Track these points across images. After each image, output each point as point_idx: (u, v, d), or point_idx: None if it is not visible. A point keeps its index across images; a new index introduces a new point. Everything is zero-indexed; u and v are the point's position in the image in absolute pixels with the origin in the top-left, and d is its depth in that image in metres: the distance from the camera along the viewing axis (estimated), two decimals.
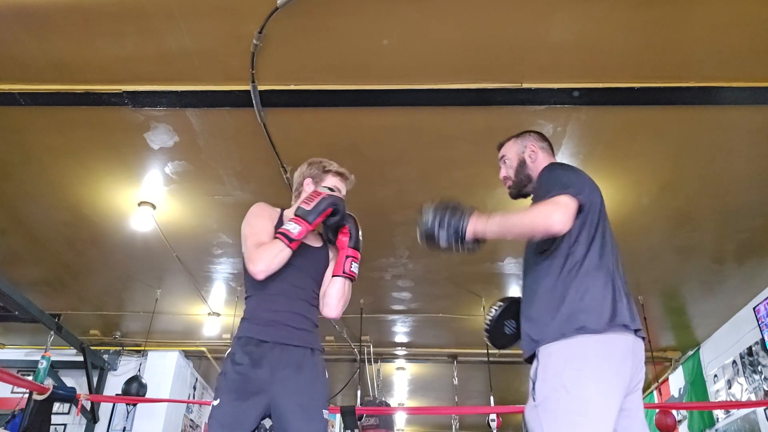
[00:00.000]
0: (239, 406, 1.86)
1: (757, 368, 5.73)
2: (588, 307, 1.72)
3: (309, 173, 2.25)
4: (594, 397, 1.64)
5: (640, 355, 1.80)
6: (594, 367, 1.67)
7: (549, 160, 2.13)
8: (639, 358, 1.79)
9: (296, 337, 1.98)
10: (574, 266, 1.79)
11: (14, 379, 4.78)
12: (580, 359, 1.67)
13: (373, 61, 3.17)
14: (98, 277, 5.66)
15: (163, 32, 3.00)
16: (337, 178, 2.24)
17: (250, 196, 4.32)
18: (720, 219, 4.40)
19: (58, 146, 3.85)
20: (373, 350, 7.19)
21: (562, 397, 1.65)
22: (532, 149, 2.14)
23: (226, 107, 3.47)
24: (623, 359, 1.71)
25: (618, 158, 3.84)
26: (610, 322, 1.71)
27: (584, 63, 3.14)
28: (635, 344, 1.76)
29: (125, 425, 6.85)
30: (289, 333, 1.98)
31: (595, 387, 1.65)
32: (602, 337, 1.69)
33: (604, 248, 1.84)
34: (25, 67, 3.23)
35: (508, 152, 2.18)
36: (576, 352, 1.69)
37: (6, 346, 7.27)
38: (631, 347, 1.74)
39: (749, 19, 2.86)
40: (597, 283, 1.77)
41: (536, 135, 2.21)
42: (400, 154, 3.83)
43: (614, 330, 1.71)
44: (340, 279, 2.09)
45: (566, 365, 1.68)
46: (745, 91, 3.24)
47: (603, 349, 1.69)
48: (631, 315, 1.77)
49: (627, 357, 1.72)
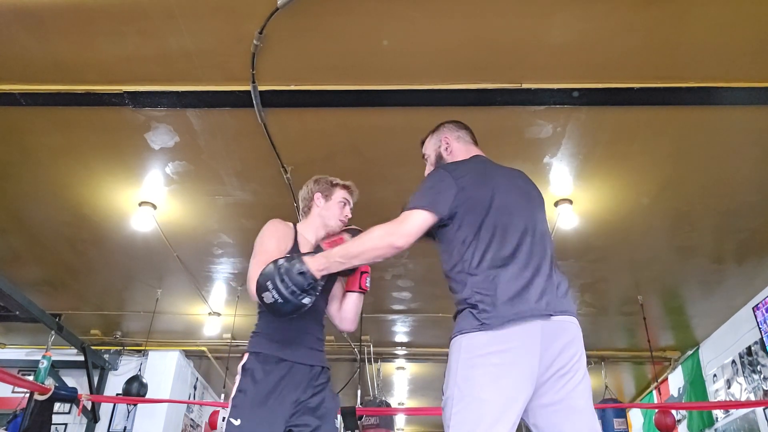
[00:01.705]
0: (264, 421, 1.90)
1: (757, 368, 5.73)
2: (483, 300, 1.65)
3: (318, 188, 2.33)
4: (488, 394, 1.57)
5: (564, 337, 1.67)
6: (487, 362, 1.59)
7: (465, 150, 2.08)
8: (562, 341, 1.66)
9: (312, 357, 2.08)
10: (465, 263, 1.74)
11: (15, 380, 4.79)
12: (475, 355, 1.61)
13: (373, 61, 3.17)
14: (99, 276, 5.66)
15: (164, 32, 3.01)
16: (344, 191, 2.33)
17: (250, 196, 4.32)
18: (720, 219, 4.41)
19: (58, 146, 3.85)
20: (373, 350, 7.19)
21: (455, 395, 1.61)
22: (446, 142, 2.10)
23: (226, 107, 3.47)
24: (525, 350, 1.60)
25: (618, 158, 3.84)
26: (509, 312, 1.62)
27: (584, 63, 3.15)
28: (546, 327, 1.64)
29: (126, 425, 6.86)
30: (307, 353, 2.06)
31: (489, 383, 1.57)
32: (500, 331, 1.61)
33: (501, 241, 1.75)
34: (25, 67, 3.23)
35: (427, 149, 2.17)
36: (471, 346, 1.63)
37: (7, 345, 7.27)
38: (540, 333, 1.62)
39: (749, 19, 2.86)
40: (497, 276, 1.69)
41: (452, 125, 2.15)
42: (400, 154, 3.83)
43: (514, 321, 1.61)
44: (356, 294, 2.20)
45: (460, 362, 1.63)
46: (745, 91, 3.24)
47: (499, 342, 1.60)
48: (538, 299, 1.66)
49: (532, 346, 1.61)
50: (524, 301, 1.65)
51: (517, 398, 1.59)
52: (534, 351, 1.61)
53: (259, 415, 1.90)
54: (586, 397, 1.69)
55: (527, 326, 1.62)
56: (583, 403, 1.67)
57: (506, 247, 1.74)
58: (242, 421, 1.88)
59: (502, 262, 1.71)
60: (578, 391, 1.66)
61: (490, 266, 1.70)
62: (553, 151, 3.78)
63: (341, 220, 2.29)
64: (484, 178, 1.89)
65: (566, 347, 1.66)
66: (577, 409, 1.65)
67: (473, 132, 2.17)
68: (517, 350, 1.60)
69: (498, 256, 1.72)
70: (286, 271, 1.82)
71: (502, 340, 1.61)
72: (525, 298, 1.66)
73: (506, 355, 1.60)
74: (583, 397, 1.68)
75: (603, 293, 5.68)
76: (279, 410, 1.93)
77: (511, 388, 1.58)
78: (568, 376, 1.66)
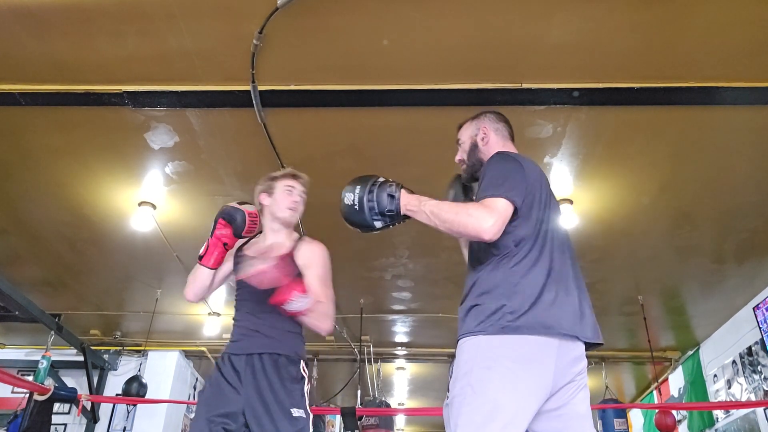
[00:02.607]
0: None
1: (757, 368, 5.73)
2: (515, 304, 1.62)
3: (261, 189, 2.37)
4: (503, 398, 1.54)
5: (577, 350, 1.67)
6: (505, 367, 1.57)
7: (502, 143, 2.03)
8: (574, 354, 1.66)
9: (260, 345, 2.09)
10: (509, 262, 1.70)
11: (15, 380, 4.79)
12: (494, 357, 1.58)
13: (373, 61, 3.17)
14: (98, 277, 5.66)
15: (164, 32, 3.00)
16: (287, 179, 2.33)
17: (250, 196, 4.31)
18: (720, 219, 4.40)
19: (58, 146, 3.85)
20: (373, 350, 7.18)
21: (467, 393, 1.57)
22: (484, 131, 2.04)
23: (226, 107, 3.47)
24: (545, 361, 1.59)
25: (618, 158, 3.84)
26: (538, 322, 1.60)
27: (584, 63, 3.14)
28: (562, 345, 1.63)
29: (125, 425, 6.85)
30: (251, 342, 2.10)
31: (506, 388, 1.55)
32: (523, 337, 1.59)
33: (544, 245, 1.74)
34: (25, 67, 3.23)
35: (462, 135, 2.11)
36: (491, 348, 1.60)
37: (6, 346, 7.27)
38: (558, 346, 1.61)
39: (749, 19, 2.86)
40: (527, 282, 1.66)
41: (493, 116, 2.10)
42: (400, 154, 3.83)
43: (539, 332, 1.59)
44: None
45: (477, 362, 1.60)
46: (745, 91, 3.24)
47: (521, 348, 1.59)
48: (573, 319, 1.65)
49: (550, 358, 1.60)
50: (556, 317, 1.63)
51: (530, 407, 1.58)
52: (551, 363, 1.60)
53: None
54: (587, 403, 1.70)
55: (550, 339, 1.61)
56: (584, 409, 1.68)
57: (556, 259, 1.73)
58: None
59: (548, 272, 1.69)
60: (579, 398, 1.67)
61: (535, 273, 1.67)
62: (554, 151, 3.77)
63: (290, 208, 2.27)
64: (540, 177, 1.87)
65: (577, 360, 1.68)
66: (578, 414, 1.66)
67: (512, 128, 2.13)
68: (537, 360, 1.59)
69: (545, 265, 1.70)
70: (379, 185, 1.81)
71: (525, 347, 1.59)
72: (559, 314, 1.64)
73: (527, 363, 1.58)
74: (584, 403, 1.69)
75: (603, 293, 5.68)
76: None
77: (527, 396, 1.57)
78: (573, 384, 1.67)
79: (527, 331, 1.59)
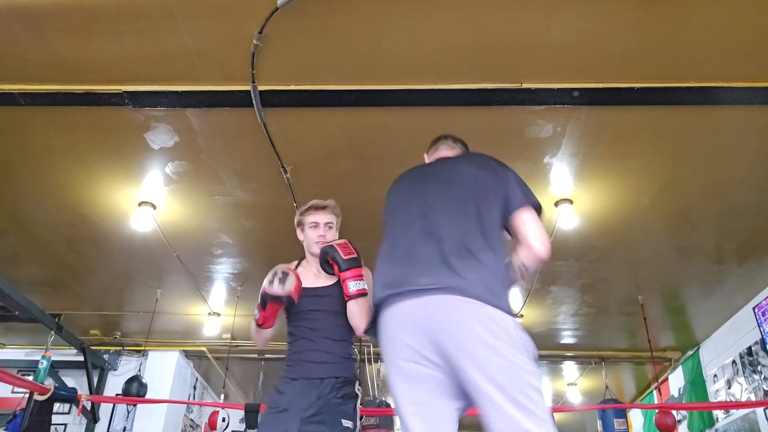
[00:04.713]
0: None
1: (757, 368, 5.73)
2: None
3: (296, 223, 2.47)
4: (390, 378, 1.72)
5: (435, 313, 1.62)
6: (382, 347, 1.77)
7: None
8: (434, 318, 1.62)
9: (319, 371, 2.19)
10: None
11: (14, 380, 4.78)
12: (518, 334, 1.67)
13: (373, 61, 3.17)
14: (98, 277, 5.66)
15: (163, 32, 3.00)
16: (309, 215, 2.41)
17: (250, 196, 4.32)
18: (720, 219, 4.40)
19: (58, 146, 3.85)
20: (374, 350, 7.18)
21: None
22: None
23: (226, 107, 3.47)
24: (393, 332, 1.71)
25: (618, 158, 3.84)
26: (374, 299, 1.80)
27: (584, 63, 3.14)
28: (409, 306, 1.67)
29: (125, 425, 6.85)
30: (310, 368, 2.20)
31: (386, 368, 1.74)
32: (382, 315, 1.76)
33: (390, 232, 1.96)
34: (25, 67, 3.23)
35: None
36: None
37: (6, 346, 7.27)
38: (405, 312, 1.68)
39: (749, 19, 2.86)
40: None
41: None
42: (400, 154, 3.80)
43: (383, 306, 1.75)
44: (349, 302, 2.23)
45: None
46: (745, 91, 3.24)
47: (381, 327, 1.77)
48: (384, 282, 1.78)
49: (399, 327, 1.69)
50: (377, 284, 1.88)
51: (400, 377, 1.74)
52: (402, 330, 1.77)
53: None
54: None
55: (395, 307, 1.77)
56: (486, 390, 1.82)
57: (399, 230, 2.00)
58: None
59: (386, 245, 1.94)
60: (483, 377, 1.83)
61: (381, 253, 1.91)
62: (554, 151, 3.77)
63: (317, 242, 2.37)
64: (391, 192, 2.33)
65: (442, 323, 1.81)
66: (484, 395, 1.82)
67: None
68: (387, 332, 1.78)
69: (386, 244, 1.95)
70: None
71: (382, 324, 1.78)
72: (380, 278, 1.87)
73: (383, 336, 1.79)
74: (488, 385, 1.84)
75: (603, 293, 5.68)
76: None
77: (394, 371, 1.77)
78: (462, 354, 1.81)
79: (381, 308, 1.80)
